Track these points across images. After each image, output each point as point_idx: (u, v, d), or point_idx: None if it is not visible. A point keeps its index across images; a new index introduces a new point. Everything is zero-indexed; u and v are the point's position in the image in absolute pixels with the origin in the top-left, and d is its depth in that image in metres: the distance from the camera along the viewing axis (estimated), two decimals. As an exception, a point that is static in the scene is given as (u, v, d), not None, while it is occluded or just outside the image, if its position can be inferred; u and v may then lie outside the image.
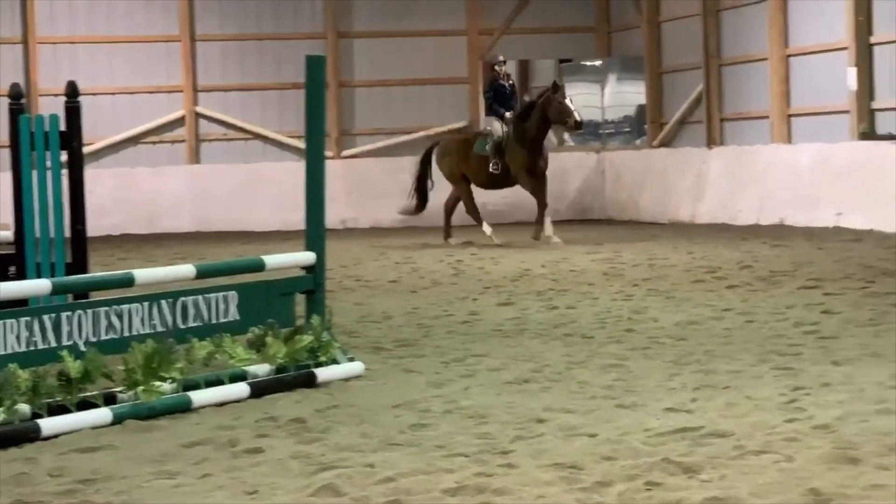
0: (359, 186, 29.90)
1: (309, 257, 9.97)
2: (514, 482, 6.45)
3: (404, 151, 30.43)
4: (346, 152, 30.67)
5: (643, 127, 30.61)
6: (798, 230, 22.70)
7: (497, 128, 21.87)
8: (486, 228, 22.29)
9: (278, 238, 24.94)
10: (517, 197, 24.48)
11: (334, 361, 9.62)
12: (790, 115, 25.90)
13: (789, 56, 25.86)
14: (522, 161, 21.51)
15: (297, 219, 10.46)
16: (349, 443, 7.45)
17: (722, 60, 27.88)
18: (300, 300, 9.99)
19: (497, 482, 6.45)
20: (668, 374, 9.37)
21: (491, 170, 21.73)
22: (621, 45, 31.71)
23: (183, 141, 30.24)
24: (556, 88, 21.34)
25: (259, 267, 9.94)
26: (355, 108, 30.93)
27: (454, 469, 6.76)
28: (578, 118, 21.10)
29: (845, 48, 24.06)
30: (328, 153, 29.02)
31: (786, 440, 7.12)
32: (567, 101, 21.09)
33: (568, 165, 30.19)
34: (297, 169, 10.54)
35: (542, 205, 21.45)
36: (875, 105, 23.61)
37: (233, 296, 9.42)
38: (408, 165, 30.00)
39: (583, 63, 32.20)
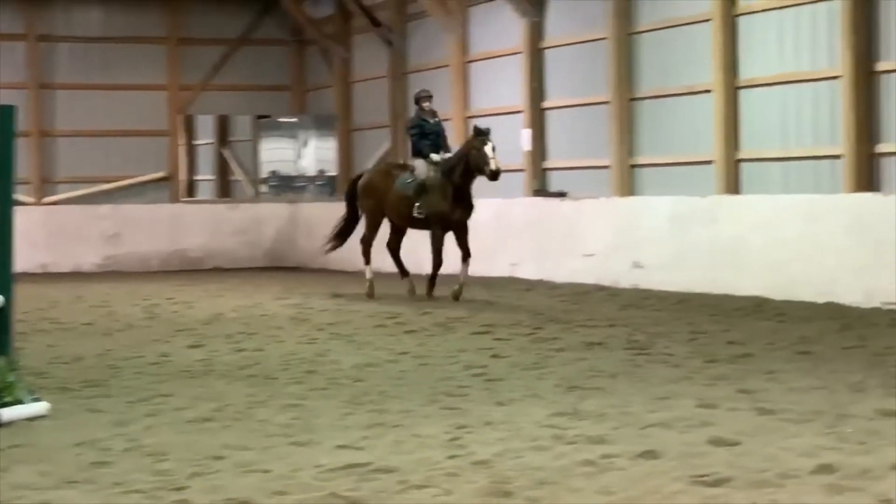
0: (59, 232, 29.24)
1: (-4, 300, 9.64)
2: (185, 517, 6.37)
3: (105, 199, 30.02)
4: (47, 199, 29.89)
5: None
6: (477, 279, 23.07)
7: (421, 168, 19.20)
8: (368, 273, 20.06)
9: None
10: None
11: (19, 402, 9.31)
12: (472, 172, 26.38)
13: (470, 117, 26.39)
14: (440, 210, 18.91)
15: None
16: (27, 481, 7.21)
17: (407, 121, 28.24)
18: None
19: (169, 517, 6.35)
20: (344, 413, 9.39)
21: (416, 214, 19.09)
22: (316, 103, 31.87)
23: None
24: (478, 133, 18.80)
25: (-58, 310, 9.57)
26: (58, 156, 30.20)
27: (129, 505, 6.63)
28: (495, 167, 18.38)
29: (521, 112, 24.72)
30: (29, 199, 28.63)
31: (446, 475, 7.21)
32: (487, 148, 18.45)
33: (263, 216, 30.24)
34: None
35: (437, 263, 19.02)
36: (547, 164, 24.32)
37: (-84, 338, 9.03)
38: (109, 213, 29.67)
39: (279, 119, 32.16)
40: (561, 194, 23.26)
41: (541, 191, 24.16)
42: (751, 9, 20.05)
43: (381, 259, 20.79)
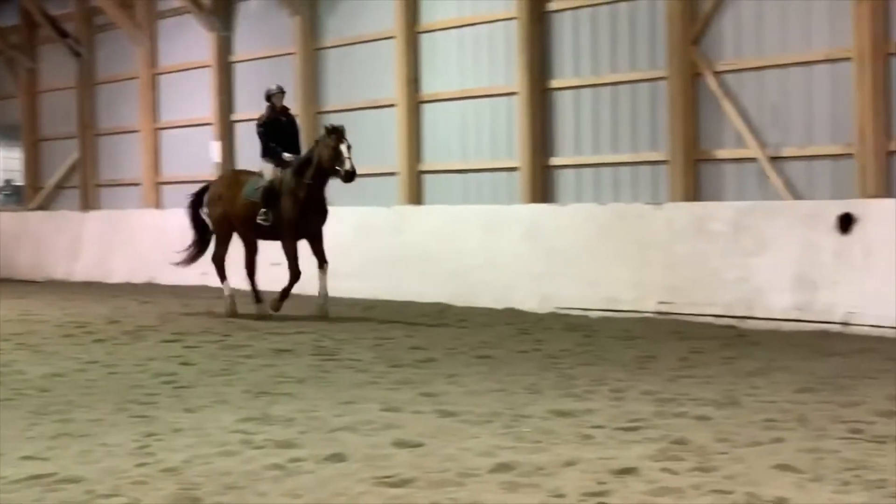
0: None
1: None
2: None
3: None
4: None
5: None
6: (166, 288, 22.75)
7: (269, 172, 17.00)
8: (227, 289, 17.64)
9: None
10: None
11: None
12: (160, 183, 26.03)
13: (159, 129, 26.02)
14: (292, 215, 16.71)
15: None
16: None
17: (97, 131, 27.67)
18: None
19: None
20: (29, 423, 9.05)
21: (259, 220, 16.87)
22: (0, 112, 30.81)
23: None
24: (332, 131, 16.41)
25: None
26: None
27: None
28: (350, 167, 16.06)
29: (210, 124, 24.48)
30: None
31: (134, 483, 7.02)
32: (342, 146, 16.24)
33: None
34: None
35: (294, 275, 16.82)
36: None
37: None
38: None
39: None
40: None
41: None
42: (432, 27, 20.38)
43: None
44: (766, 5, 16.23)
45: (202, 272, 22.96)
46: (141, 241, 24.95)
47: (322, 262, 16.83)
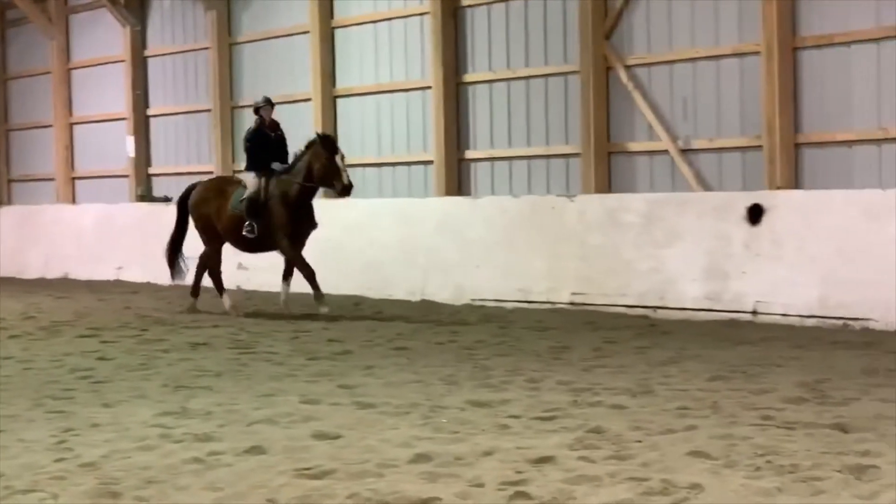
0: None
1: None
2: None
3: None
4: None
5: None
6: (81, 283, 22.52)
7: (252, 183, 16.30)
8: (226, 301, 16.79)
9: None
10: None
11: None
12: (74, 178, 25.76)
13: (73, 124, 25.74)
14: (284, 225, 16.10)
15: None
16: None
17: (10, 126, 27.32)
18: None
19: None
20: (-54, 421, 8.93)
21: (244, 233, 16.21)
22: None
23: None
24: (326, 142, 16.03)
25: None
26: None
27: None
28: (347, 181, 15.69)
29: (125, 118, 24.26)
30: None
31: (53, 479, 6.95)
32: (337, 159, 15.78)
33: None
34: None
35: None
36: (152, 170, 23.95)
37: None
38: None
39: None
40: (166, 199, 22.93)
41: (145, 196, 23.79)
42: (347, 21, 20.33)
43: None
44: (675, 1, 16.36)
45: (117, 267, 22.81)
46: (55, 236, 24.68)
47: (289, 274, 16.38)
